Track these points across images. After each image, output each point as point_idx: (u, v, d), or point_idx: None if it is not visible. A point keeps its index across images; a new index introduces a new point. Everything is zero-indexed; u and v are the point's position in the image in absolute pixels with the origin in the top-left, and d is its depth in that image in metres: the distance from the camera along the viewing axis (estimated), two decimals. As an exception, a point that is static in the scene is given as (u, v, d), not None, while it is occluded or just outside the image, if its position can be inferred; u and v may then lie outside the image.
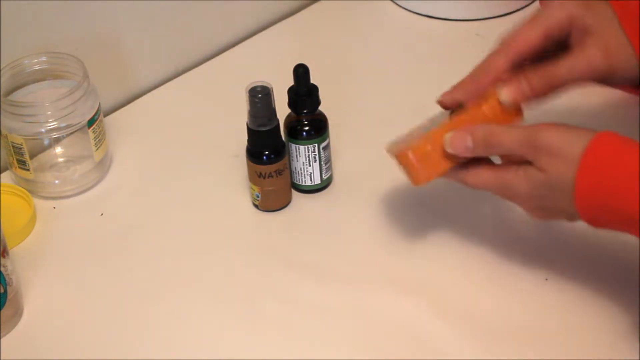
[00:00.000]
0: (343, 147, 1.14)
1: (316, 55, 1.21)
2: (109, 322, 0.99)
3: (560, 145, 0.87)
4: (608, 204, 0.85)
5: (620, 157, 0.85)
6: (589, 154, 0.86)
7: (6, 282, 0.97)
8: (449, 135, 0.92)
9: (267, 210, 1.09)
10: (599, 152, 0.86)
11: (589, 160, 0.86)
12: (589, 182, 0.86)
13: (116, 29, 1.21)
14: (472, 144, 0.91)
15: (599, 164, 0.86)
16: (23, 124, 1.08)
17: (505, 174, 0.90)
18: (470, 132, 0.91)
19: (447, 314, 0.97)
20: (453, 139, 0.92)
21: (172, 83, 1.27)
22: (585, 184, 0.86)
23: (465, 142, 0.91)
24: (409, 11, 1.33)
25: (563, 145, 0.87)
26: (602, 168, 0.86)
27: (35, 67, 1.12)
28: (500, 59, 0.95)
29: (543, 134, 0.88)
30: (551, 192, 0.88)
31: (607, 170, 0.85)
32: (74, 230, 1.09)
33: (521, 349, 0.94)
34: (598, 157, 0.86)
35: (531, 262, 1.00)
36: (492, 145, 0.90)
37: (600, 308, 0.96)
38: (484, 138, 0.91)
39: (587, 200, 0.86)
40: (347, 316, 0.98)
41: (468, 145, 0.91)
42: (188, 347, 0.97)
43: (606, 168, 0.85)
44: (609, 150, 0.86)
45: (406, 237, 1.05)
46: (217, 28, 1.30)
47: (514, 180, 0.90)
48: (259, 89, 1.03)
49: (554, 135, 0.88)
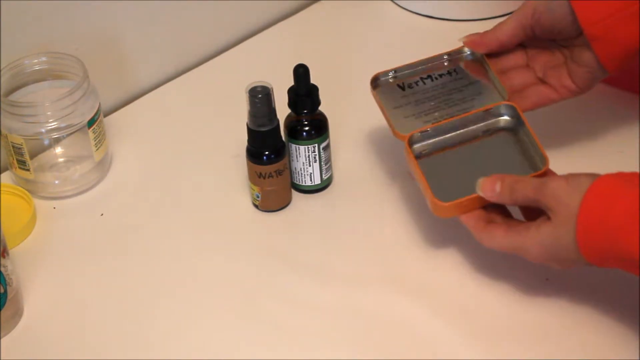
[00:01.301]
0: (343, 147, 1.14)
1: (316, 55, 1.21)
2: (108, 322, 0.99)
3: (562, 194, 0.90)
4: (608, 246, 0.87)
5: (617, 199, 0.87)
6: (587, 199, 0.88)
7: (6, 282, 0.97)
8: (482, 179, 0.96)
9: (267, 210, 1.09)
10: (596, 196, 0.88)
11: (588, 206, 0.88)
12: (588, 227, 0.88)
13: (116, 29, 1.21)
14: (499, 189, 0.94)
15: (596, 208, 0.88)
16: (23, 124, 1.08)
17: (517, 235, 0.93)
18: (501, 179, 0.95)
19: (447, 314, 0.97)
20: (484, 182, 0.95)
21: (172, 83, 1.27)
22: (586, 229, 0.88)
23: (495, 186, 0.95)
24: (409, 11, 1.33)
25: (564, 195, 0.90)
26: (599, 211, 0.87)
27: (35, 67, 1.12)
28: None
29: (551, 182, 0.91)
30: (558, 245, 0.90)
31: (605, 212, 0.87)
32: (74, 230, 1.09)
33: (521, 349, 0.94)
34: (596, 201, 0.88)
35: (532, 263, 1.00)
36: (515, 190, 0.94)
37: (600, 308, 0.96)
38: (510, 185, 0.94)
39: (590, 245, 0.88)
40: (347, 316, 0.98)
41: (496, 190, 0.95)
42: (188, 347, 0.97)
43: (604, 210, 0.87)
44: (606, 194, 0.88)
45: (406, 237, 1.05)
46: (217, 28, 1.30)
47: (526, 242, 0.93)
48: (259, 89, 1.03)
49: (559, 184, 0.91)
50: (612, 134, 1.12)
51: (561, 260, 0.92)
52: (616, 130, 1.13)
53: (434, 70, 1.06)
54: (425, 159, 1.01)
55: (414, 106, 1.04)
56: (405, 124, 1.02)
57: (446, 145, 1.02)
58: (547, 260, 0.93)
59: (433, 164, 1.00)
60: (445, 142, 1.02)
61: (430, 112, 1.03)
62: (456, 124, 1.02)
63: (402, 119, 1.03)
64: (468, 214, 0.97)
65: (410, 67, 1.06)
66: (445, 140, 1.02)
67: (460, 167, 1.00)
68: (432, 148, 1.02)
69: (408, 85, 1.05)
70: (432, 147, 1.02)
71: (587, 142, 1.11)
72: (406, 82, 1.05)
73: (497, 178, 0.95)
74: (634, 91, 1.16)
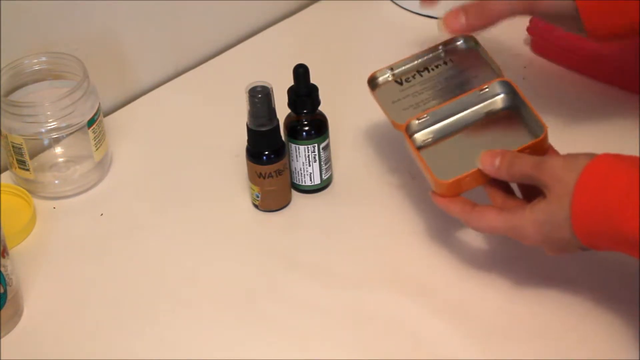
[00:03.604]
0: (343, 147, 1.14)
1: (316, 55, 1.21)
2: (108, 322, 0.99)
3: (560, 171, 0.89)
4: (602, 224, 0.86)
5: (614, 177, 0.87)
6: (583, 177, 0.88)
7: (6, 282, 0.97)
8: (483, 152, 0.95)
9: (267, 210, 1.09)
10: (593, 174, 0.88)
11: (584, 183, 0.87)
12: (583, 205, 0.87)
13: (116, 29, 1.21)
14: (499, 163, 0.94)
15: (592, 186, 0.87)
16: (23, 124, 1.08)
17: (511, 215, 0.93)
18: (501, 154, 0.94)
19: (447, 314, 0.97)
20: (484, 156, 0.95)
21: (172, 83, 1.27)
22: (580, 207, 0.87)
23: (494, 160, 0.94)
24: (409, 11, 1.32)
25: (561, 172, 0.89)
26: (595, 189, 0.87)
27: (35, 67, 1.12)
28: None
29: (550, 160, 0.91)
30: (552, 222, 0.90)
31: (601, 191, 0.87)
32: (74, 230, 1.09)
33: (521, 349, 0.94)
34: (592, 179, 0.87)
35: (531, 262, 1.00)
36: (513, 165, 0.93)
37: (600, 308, 0.96)
38: (509, 160, 0.94)
39: (584, 224, 0.88)
40: (347, 316, 0.98)
41: (495, 164, 0.94)
42: (188, 347, 0.97)
43: (600, 189, 0.87)
44: (603, 172, 0.87)
45: (406, 237, 1.05)
46: (217, 28, 1.30)
47: (521, 221, 0.92)
48: (259, 89, 1.03)
49: (557, 161, 0.90)
50: (612, 134, 1.12)
51: (555, 241, 0.90)
52: (616, 130, 1.13)
53: (430, 63, 1.06)
54: (429, 148, 1.01)
55: (411, 98, 1.04)
56: (403, 115, 1.02)
57: (449, 132, 1.01)
58: (541, 241, 0.91)
59: (437, 151, 1.00)
60: (447, 129, 1.02)
61: (428, 101, 1.03)
62: (454, 108, 1.02)
63: (400, 111, 1.03)
64: (452, 201, 0.96)
65: (406, 62, 1.06)
66: (447, 127, 1.02)
67: (464, 152, 0.99)
68: (435, 136, 1.01)
69: (405, 79, 1.05)
70: (434, 135, 1.01)
71: (587, 141, 1.11)
72: (403, 77, 1.05)
73: (498, 153, 0.94)
74: (634, 91, 1.16)
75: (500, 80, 1.02)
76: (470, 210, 0.95)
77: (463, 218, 0.96)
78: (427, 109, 1.02)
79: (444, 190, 0.97)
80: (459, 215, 0.96)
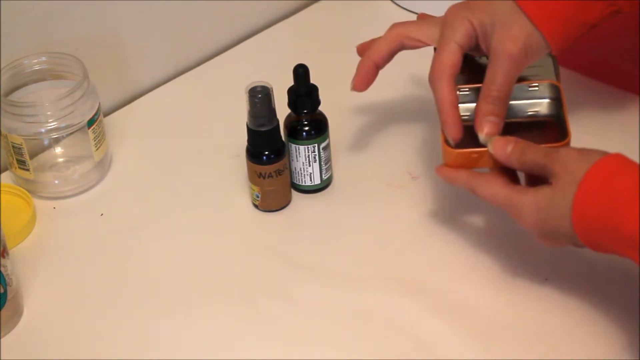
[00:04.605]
0: (343, 147, 1.14)
1: (316, 55, 1.21)
2: (108, 322, 0.99)
3: (571, 161, 0.89)
4: (604, 221, 0.86)
5: (624, 175, 0.86)
6: (593, 170, 0.87)
7: (6, 282, 0.97)
8: (497, 137, 0.95)
9: (267, 210, 1.09)
10: (603, 169, 0.87)
11: (592, 176, 0.87)
12: (587, 197, 0.87)
13: (116, 29, 1.21)
14: (511, 149, 0.93)
15: (600, 180, 0.87)
16: (23, 124, 1.08)
17: (514, 192, 0.92)
18: (515, 141, 0.94)
19: (447, 314, 0.97)
20: (498, 140, 0.94)
21: (172, 83, 1.27)
22: (584, 199, 0.87)
23: (507, 146, 0.94)
24: (409, 11, 1.33)
25: (572, 162, 0.89)
26: (602, 184, 0.86)
27: (35, 67, 1.12)
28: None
29: (563, 150, 0.90)
30: (552, 209, 0.89)
31: (608, 187, 0.86)
32: (74, 230, 1.09)
33: (521, 349, 0.94)
34: (602, 173, 0.87)
35: (531, 262, 1.00)
36: (526, 153, 0.92)
37: (600, 308, 0.96)
38: (522, 148, 0.93)
39: (584, 216, 0.87)
40: (347, 316, 0.98)
41: (507, 150, 0.93)
42: (188, 347, 0.97)
43: (607, 184, 0.86)
44: (614, 169, 0.87)
45: (406, 237, 1.05)
46: (217, 28, 1.30)
47: (522, 200, 0.91)
48: (259, 89, 1.03)
49: (570, 152, 0.90)
50: (612, 134, 1.12)
51: (550, 229, 0.90)
52: (616, 130, 1.13)
53: None
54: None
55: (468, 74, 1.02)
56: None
57: None
58: (536, 225, 0.91)
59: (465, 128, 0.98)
60: None
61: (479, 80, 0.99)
62: None
63: None
64: (459, 170, 0.96)
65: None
66: None
67: None
68: (471, 116, 0.99)
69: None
70: (471, 114, 0.99)
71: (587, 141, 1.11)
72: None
73: (512, 140, 0.94)
74: (634, 91, 1.16)
75: (550, 83, 1.01)
76: (477, 176, 0.95)
77: (469, 184, 0.95)
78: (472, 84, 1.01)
79: (451, 159, 0.96)
80: (465, 182, 0.95)
